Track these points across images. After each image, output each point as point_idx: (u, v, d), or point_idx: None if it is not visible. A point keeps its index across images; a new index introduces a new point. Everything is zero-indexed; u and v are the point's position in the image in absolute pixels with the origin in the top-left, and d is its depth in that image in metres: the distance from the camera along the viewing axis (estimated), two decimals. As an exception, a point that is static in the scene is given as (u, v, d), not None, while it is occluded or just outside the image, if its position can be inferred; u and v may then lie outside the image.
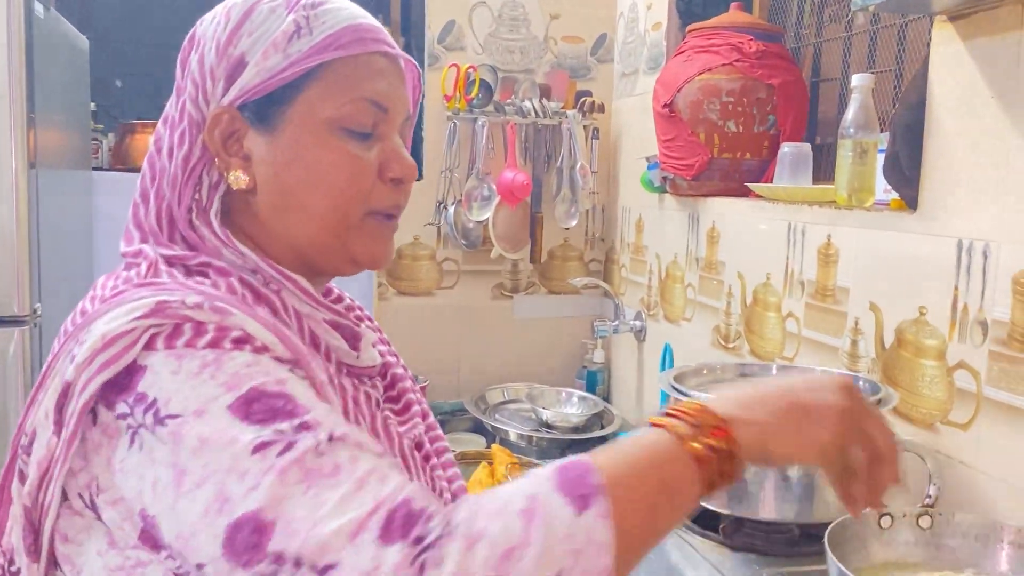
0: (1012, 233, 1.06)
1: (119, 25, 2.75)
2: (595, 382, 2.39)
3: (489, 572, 0.53)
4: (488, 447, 1.97)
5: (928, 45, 1.21)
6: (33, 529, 0.66)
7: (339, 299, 0.87)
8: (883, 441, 0.68)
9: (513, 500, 0.57)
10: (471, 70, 2.24)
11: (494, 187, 2.29)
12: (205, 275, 0.71)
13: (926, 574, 0.91)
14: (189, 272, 0.71)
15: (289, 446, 0.58)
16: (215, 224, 0.73)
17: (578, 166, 2.32)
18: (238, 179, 0.73)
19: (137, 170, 2.65)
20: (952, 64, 1.16)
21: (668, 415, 0.64)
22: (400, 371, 0.87)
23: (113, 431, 0.62)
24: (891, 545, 0.94)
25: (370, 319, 0.90)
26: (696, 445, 0.61)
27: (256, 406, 0.60)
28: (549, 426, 2.11)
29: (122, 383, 0.62)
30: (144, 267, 0.70)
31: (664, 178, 1.95)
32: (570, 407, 2.25)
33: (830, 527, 0.90)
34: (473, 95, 2.25)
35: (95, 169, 2.39)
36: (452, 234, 2.34)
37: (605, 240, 2.51)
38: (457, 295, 2.43)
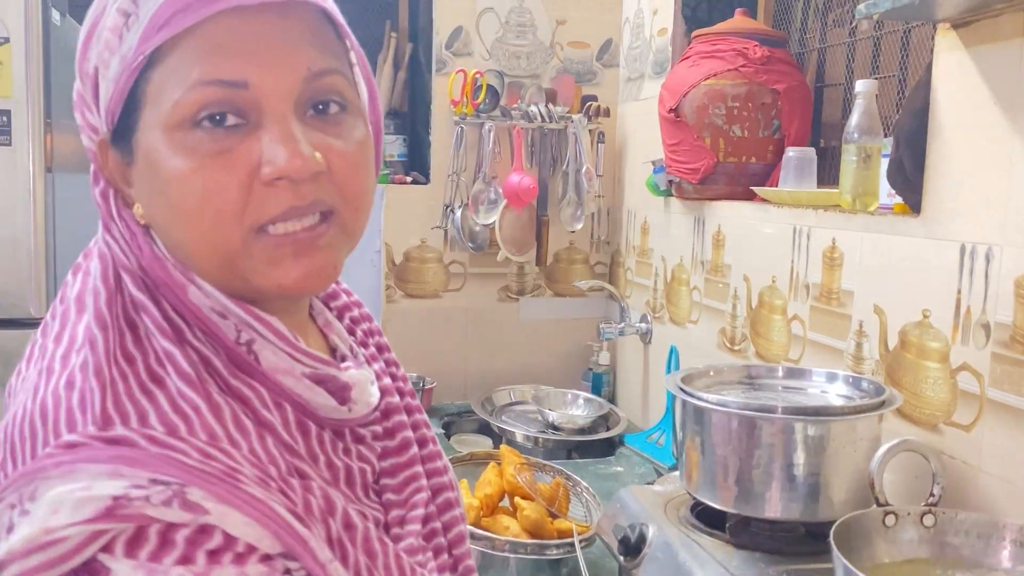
0: (1015, 237, 1.08)
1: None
2: (600, 384, 2.41)
3: None
4: (495, 448, 1.99)
5: (932, 52, 1.23)
6: None
7: (333, 295, 0.78)
8: None
9: None
10: (478, 75, 2.27)
11: (500, 191, 2.32)
12: (160, 383, 0.56)
13: (931, 571, 0.92)
14: (148, 370, 0.57)
15: None
16: (169, 264, 0.60)
17: (584, 170, 2.34)
18: (137, 215, 0.61)
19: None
20: (955, 71, 1.18)
21: None
22: (395, 401, 0.74)
23: None
24: (895, 543, 0.96)
25: (369, 319, 0.81)
26: None
27: None
28: (555, 427, 2.13)
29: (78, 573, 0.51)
30: (93, 364, 0.56)
31: (670, 182, 1.97)
32: (576, 409, 2.27)
33: (835, 525, 0.92)
34: (480, 100, 2.27)
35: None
36: (459, 237, 2.37)
37: (610, 243, 2.53)
38: (464, 297, 2.45)
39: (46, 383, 0.57)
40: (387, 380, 0.75)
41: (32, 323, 1.72)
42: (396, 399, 0.74)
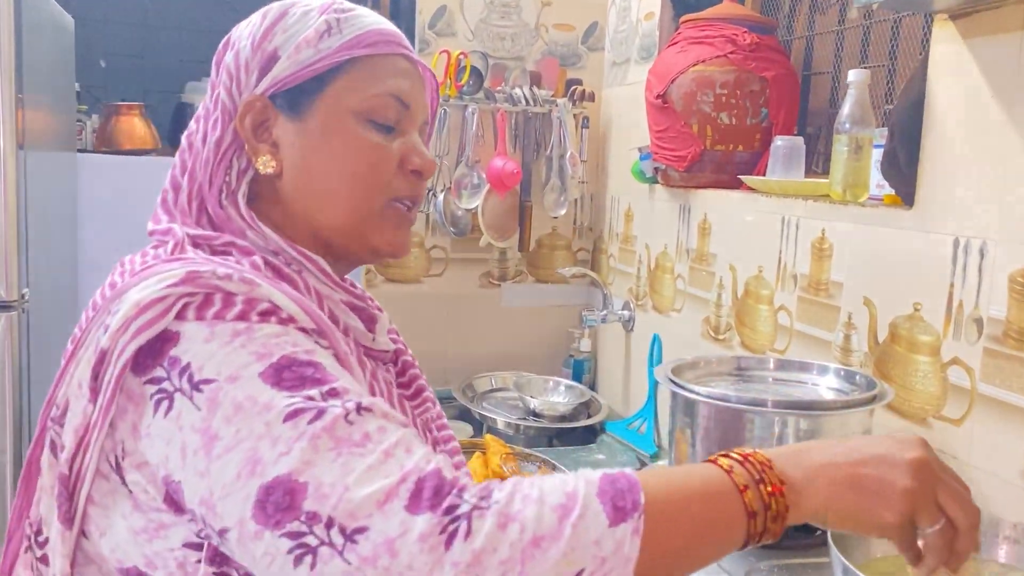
0: (1010, 232, 1.07)
1: (103, 4, 2.70)
2: (581, 371, 2.40)
3: (515, 554, 0.55)
4: (475, 435, 1.97)
5: (927, 43, 1.22)
6: (68, 496, 0.67)
7: (354, 286, 0.89)
8: (960, 514, 0.65)
9: (553, 493, 0.58)
10: (462, 56, 2.23)
11: (483, 175, 2.29)
12: (228, 254, 0.74)
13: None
14: (214, 251, 0.74)
15: (320, 414, 0.60)
16: (242, 205, 0.77)
17: (568, 155, 2.31)
18: (266, 164, 0.78)
19: (122, 153, 2.63)
20: (952, 63, 1.16)
21: (730, 457, 0.63)
22: (409, 359, 0.90)
23: (139, 397, 0.64)
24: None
25: (380, 310, 0.91)
26: (751, 496, 0.61)
27: (286, 373, 0.62)
28: (536, 414, 2.12)
29: (155, 349, 0.64)
30: (171, 245, 0.73)
31: (656, 169, 1.95)
32: (557, 396, 2.25)
33: (831, 521, 0.91)
34: (463, 82, 2.24)
35: (79, 151, 2.36)
36: (441, 222, 2.34)
37: (593, 229, 2.51)
38: (445, 283, 2.42)
39: (129, 263, 0.75)
40: (399, 345, 0.90)
41: (3, 305, 1.67)
42: (409, 358, 0.90)
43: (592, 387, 2.38)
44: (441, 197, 2.31)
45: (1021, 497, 1.05)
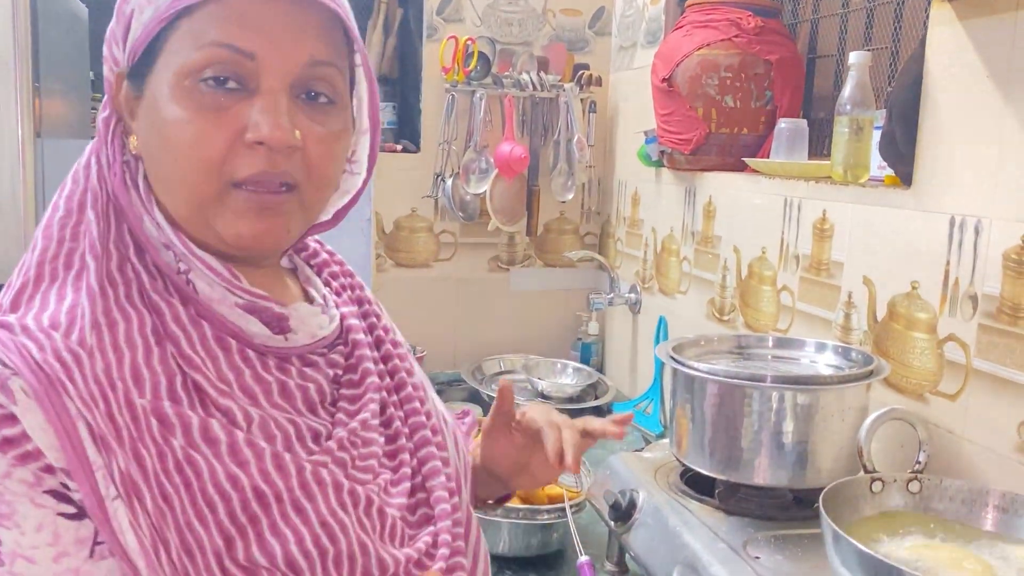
0: (1004, 210, 1.09)
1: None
2: (589, 354, 2.43)
3: None
4: (485, 416, 2.00)
5: (925, 24, 1.24)
6: None
7: (313, 254, 0.84)
8: (536, 416, 0.89)
9: None
10: (469, 42, 2.25)
11: (492, 160, 2.31)
12: (77, 288, 0.64)
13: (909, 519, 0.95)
14: (77, 276, 0.65)
15: None
16: (141, 189, 0.68)
17: (575, 139, 2.33)
18: (132, 145, 0.69)
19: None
20: (949, 43, 1.18)
21: None
22: (361, 336, 0.80)
23: None
24: (882, 508, 0.98)
25: (350, 275, 0.87)
26: None
27: None
28: (544, 396, 2.15)
29: None
30: (29, 264, 0.66)
31: (662, 152, 1.97)
32: (565, 378, 2.28)
33: (824, 491, 0.94)
34: (471, 67, 2.26)
35: (94, 138, 2.39)
36: (449, 206, 2.36)
37: (601, 213, 2.53)
38: (454, 267, 2.45)
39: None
40: (355, 321, 0.81)
41: (22, 289, 1.71)
42: (362, 337, 0.80)
43: (600, 369, 2.40)
44: (450, 182, 2.34)
45: (1014, 470, 1.07)
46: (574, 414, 2.10)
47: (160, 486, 0.60)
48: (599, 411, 2.13)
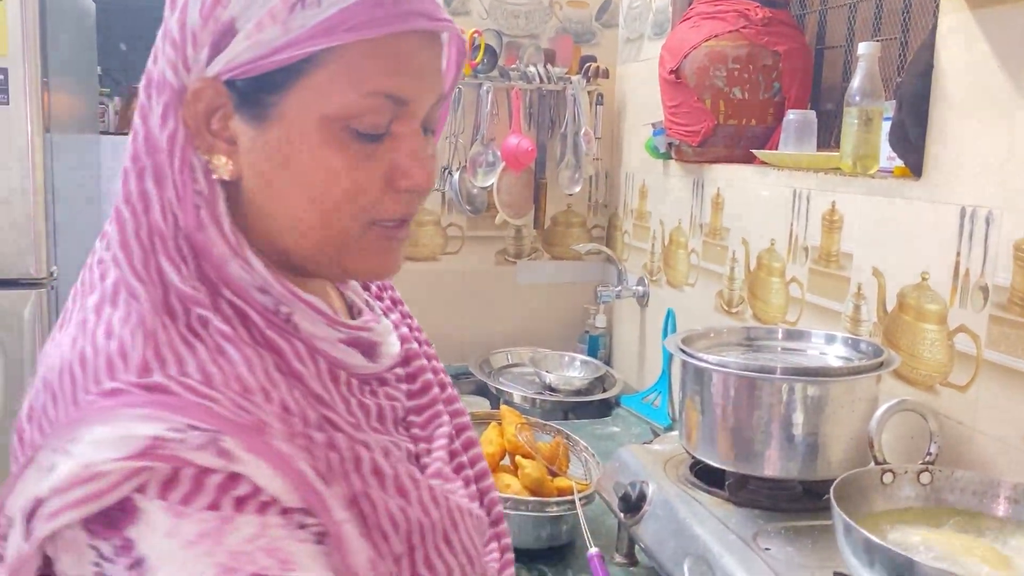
0: (1015, 201, 1.08)
1: (122, -12, 2.74)
2: (597, 347, 2.43)
3: None
4: (493, 408, 2.01)
5: (935, 14, 1.23)
6: None
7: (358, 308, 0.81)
8: None
9: None
10: (476, 35, 2.25)
11: (499, 153, 2.31)
12: (199, 337, 0.59)
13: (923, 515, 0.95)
14: (189, 327, 0.59)
15: None
16: (226, 224, 0.61)
17: (582, 132, 2.33)
18: (222, 167, 0.61)
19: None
20: (959, 33, 1.17)
21: None
22: (414, 347, 0.79)
23: (77, 554, 0.53)
24: (893, 499, 0.98)
25: (379, 289, 0.85)
26: None
27: None
28: (552, 389, 2.15)
29: (110, 515, 0.53)
30: (135, 312, 0.59)
31: (669, 144, 1.97)
32: (573, 371, 2.28)
33: (835, 482, 0.94)
34: (478, 60, 2.26)
35: (102, 133, 2.40)
36: (457, 200, 2.36)
37: (608, 206, 2.53)
38: (461, 260, 2.45)
39: (83, 333, 0.59)
40: (404, 329, 0.80)
41: (31, 283, 1.72)
42: (415, 346, 0.79)
43: (607, 362, 2.41)
44: (457, 175, 2.34)
45: (1025, 461, 1.07)
46: (581, 407, 2.11)
47: (397, 484, 0.63)
48: (606, 404, 2.13)
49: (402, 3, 0.59)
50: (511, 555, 0.80)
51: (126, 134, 2.49)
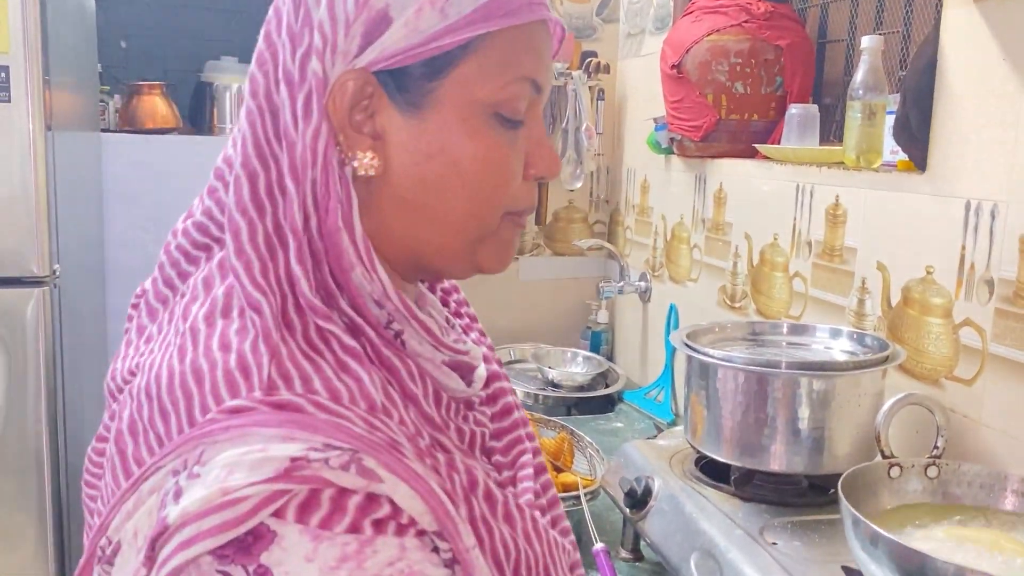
0: (1020, 194, 1.08)
1: (122, -15, 2.74)
2: (599, 342, 2.43)
3: None
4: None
5: (938, 7, 1.23)
6: None
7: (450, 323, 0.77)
8: None
9: None
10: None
11: (500, 149, 2.30)
12: (320, 353, 0.56)
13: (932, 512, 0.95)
14: (308, 342, 0.57)
15: None
16: (358, 232, 0.58)
17: (583, 127, 2.33)
18: (368, 164, 0.59)
19: (144, 132, 2.65)
20: (963, 26, 1.17)
21: None
22: (495, 367, 0.76)
23: None
24: (900, 493, 0.98)
25: (458, 289, 0.83)
26: None
27: None
28: (555, 385, 2.15)
29: (243, 541, 0.50)
30: (257, 325, 0.56)
31: (671, 139, 1.97)
32: (575, 367, 2.28)
33: (843, 477, 0.94)
34: (479, 56, 2.25)
35: (103, 131, 2.40)
36: (459, 196, 2.36)
37: (610, 202, 2.53)
38: (463, 256, 2.45)
39: (193, 344, 0.56)
40: (484, 348, 0.76)
41: (34, 281, 1.72)
42: (495, 367, 0.75)
43: (610, 358, 2.41)
44: (458, 171, 2.33)
45: (1031, 454, 1.07)
46: (584, 403, 2.11)
47: (505, 511, 0.61)
48: (609, 399, 2.13)
49: None
50: None
51: (127, 132, 2.48)
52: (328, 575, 0.49)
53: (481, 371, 0.70)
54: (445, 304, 0.79)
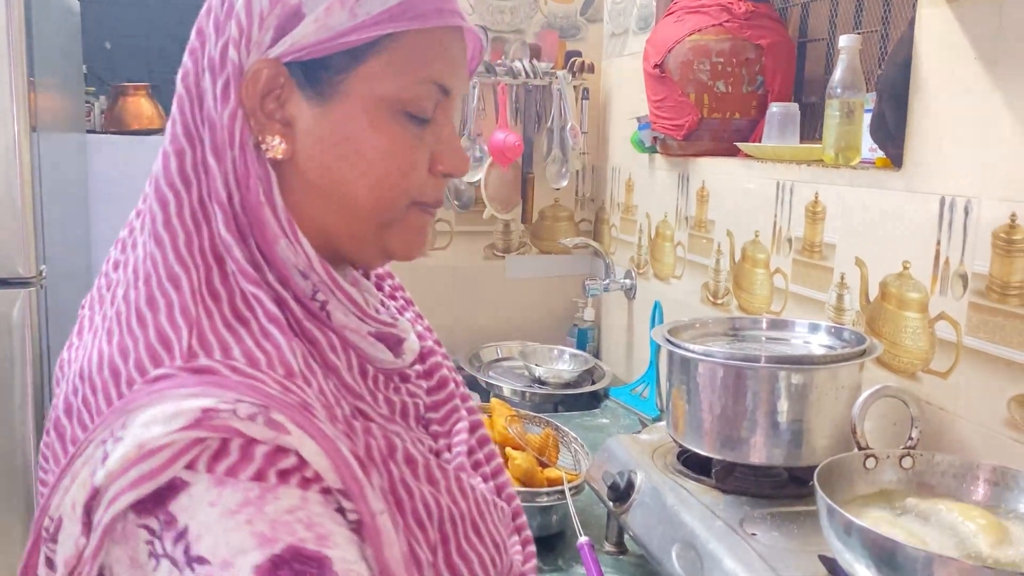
0: (993, 190, 1.11)
1: (106, -14, 2.73)
2: (585, 339, 2.44)
3: None
4: (484, 402, 2.02)
5: (914, 7, 1.25)
6: None
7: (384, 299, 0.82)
8: None
9: None
10: (462, 31, 2.25)
11: (486, 148, 2.32)
12: (244, 322, 0.60)
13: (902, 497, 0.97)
14: (234, 311, 0.60)
15: None
16: (279, 205, 0.63)
17: (568, 127, 2.34)
18: (275, 147, 0.64)
19: (129, 133, 2.67)
20: (937, 25, 1.19)
21: None
22: (430, 344, 0.81)
23: (133, 537, 0.54)
24: (875, 484, 1.00)
25: (391, 275, 0.88)
26: None
27: (284, 572, 0.52)
28: (542, 382, 2.17)
29: (159, 493, 0.54)
30: (174, 300, 0.60)
31: (655, 138, 1.98)
32: (562, 364, 2.30)
33: (819, 467, 0.95)
34: (464, 56, 2.26)
35: (88, 132, 2.40)
36: (445, 195, 2.37)
37: (595, 200, 2.54)
38: (450, 256, 2.46)
39: (118, 326, 0.61)
40: (419, 327, 0.82)
41: (20, 282, 1.72)
42: (430, 343, 0.81)
43: (596, 355, 2.42)
44: (444, 171, 2.34)
45: (1004, 445, 1.09)
46: (571, 399, 2.13)
47: (427, 472, 0.65)
48: (595, 396, 2.15)
49: (451, 1, 0.66)
50: (533, 548, 0.80)
51: (112, 133, 2.50)
52: (228, 518, 0.52)
53: (413, 344, 0.74)
54: (380, 288, 0.83)
